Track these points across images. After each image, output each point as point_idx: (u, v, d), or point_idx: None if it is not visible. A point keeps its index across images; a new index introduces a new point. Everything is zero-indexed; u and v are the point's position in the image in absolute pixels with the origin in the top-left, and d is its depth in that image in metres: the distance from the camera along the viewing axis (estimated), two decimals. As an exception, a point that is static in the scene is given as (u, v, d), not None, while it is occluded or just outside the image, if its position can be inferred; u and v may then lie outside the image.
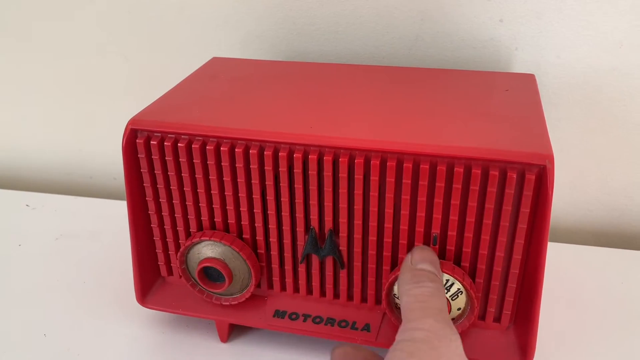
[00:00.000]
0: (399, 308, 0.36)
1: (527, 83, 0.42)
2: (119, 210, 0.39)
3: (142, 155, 0.37)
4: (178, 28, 0.56)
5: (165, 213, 0.39)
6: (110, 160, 0.65)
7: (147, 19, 0.56)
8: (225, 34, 0.55)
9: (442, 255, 0.35)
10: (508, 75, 0.44)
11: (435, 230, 0.34)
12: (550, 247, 0.52)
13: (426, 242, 0.35)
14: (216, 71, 0.46)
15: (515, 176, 0.32)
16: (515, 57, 0.50)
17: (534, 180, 0.31)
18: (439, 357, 0.25)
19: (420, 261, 0.33)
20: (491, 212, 0.33)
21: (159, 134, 0.37)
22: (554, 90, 0.51)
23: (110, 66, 0.59)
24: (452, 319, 0.36)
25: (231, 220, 0.38)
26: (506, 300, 0.36)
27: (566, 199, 0.56)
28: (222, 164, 0.36)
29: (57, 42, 0.59)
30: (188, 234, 0.39)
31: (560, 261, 0.50)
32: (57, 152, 0.66)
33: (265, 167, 0.36)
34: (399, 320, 0.37)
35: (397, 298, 0.36)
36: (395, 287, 0.36)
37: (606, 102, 0.51)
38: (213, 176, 0.37)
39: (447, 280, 0.35)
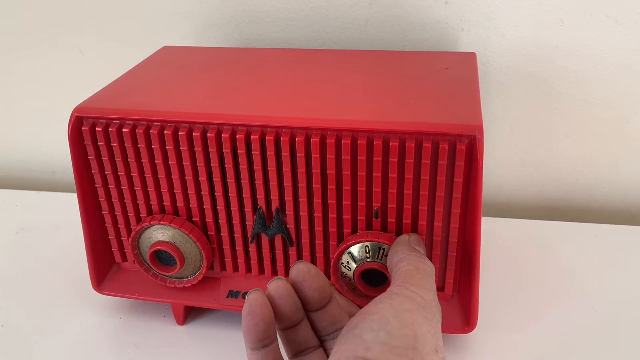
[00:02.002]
0: (346, 278, 0.37)
1: (467, 61, 0.43)
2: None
3: (88, 142, 0.38)
4: (131, 20, 0.56)
5: (114, 199, 0.40)
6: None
7: (99, 12, 0.56)
8: (179, 24, 0.55)
9: (384, 227, 0.36)
10: (452, 54, 0.45)
11: (376, 204, 0.35)
12: (504, 223, 0.54)
13: (368, 216, 0.36)
14: (165, 59, 0.46)
15: (447, 147, 0.33)
16: (462, 38, 0.51)
17: (464, 150, 0.33)
18: (429, 328, 0.27)
19: (416, 244, 0.34)
20: (427, 183, 0.34)
21: (104, 121, 0.37)
22: (502, 69, 0.52)
23: (66, 60, 0.59)
24: None
25: (180, 203, 0.39)
26: (448, 268, 0.37)
27: (518, 176, 0.57)
28: (166, 147, 0.37)
29: (11, 38, 0.59)
30: (139, 219, 0.40)
31: (514, 236, 0.52)
32: (17, 149, 0.66)
33: (210, 149, 0.36)
34: (347, 292, 0.38)
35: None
36: (355, 249, 0.36)
37: (552, 80, 0.52)
38: (159, 160, 0.37)
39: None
